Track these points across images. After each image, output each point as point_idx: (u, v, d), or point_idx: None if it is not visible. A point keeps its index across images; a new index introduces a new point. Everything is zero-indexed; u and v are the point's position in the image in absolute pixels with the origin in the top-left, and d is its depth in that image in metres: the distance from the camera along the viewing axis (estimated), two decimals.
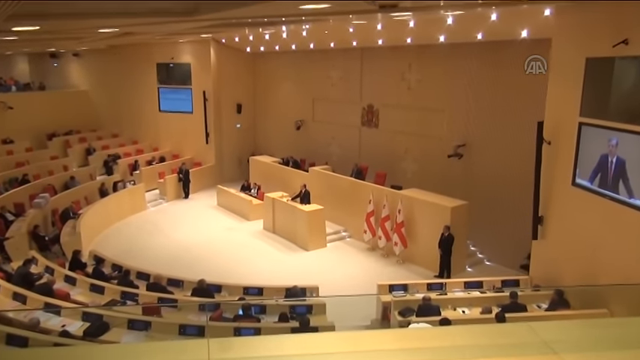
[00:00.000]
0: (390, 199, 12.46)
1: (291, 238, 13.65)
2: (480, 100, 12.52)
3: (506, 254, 11.80)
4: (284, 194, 14.56)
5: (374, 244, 13.05)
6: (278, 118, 19.80)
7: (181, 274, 10.21)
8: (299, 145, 18.64)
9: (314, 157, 17.73)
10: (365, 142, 16.32)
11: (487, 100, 12.29)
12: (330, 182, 14.80)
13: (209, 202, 17.31)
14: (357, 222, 13.52)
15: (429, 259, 11.66)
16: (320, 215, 13.26)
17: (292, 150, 18.54)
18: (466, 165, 13.13)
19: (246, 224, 15.24)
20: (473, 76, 12.58)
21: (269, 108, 20.20)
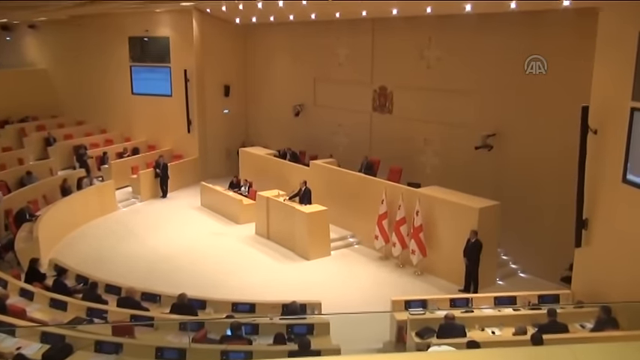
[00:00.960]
0: (407, 199, 12.46)
1: (289, 244, 13.68)
2: (513, 81, 12.48)
3: (543, 264, 11.86)
4: (280, 193, 14.52)
5: (387, 252, 13.12)
6: (273, 103, 19.82)
7: (158, 287, 10.25)
8: (298, 135, 18.67)
9: (316, 148, 17.79)
10: (377, 130, 16.32)
11: (522, 81, 12.22)
12: (335, 178, 14.83)
13: (191, 202, 17.38)
14: (367, 226, 13.53)
15: (453, 269, 11.70)
16: (323, 218, 13.26)
17: (290, 140, 18.59)
18: (497, 158, 13.13)
19: (236, 228, 15.26)
20: (505, 53, 12.54)
21: (263, 90, 20.21)
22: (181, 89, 19.38)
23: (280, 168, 16.65)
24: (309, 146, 18.12)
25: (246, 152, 18.14)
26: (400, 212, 12.49)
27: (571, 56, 10.96)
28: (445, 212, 11.94)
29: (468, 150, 13.40)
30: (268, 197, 14.39)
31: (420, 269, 12.33)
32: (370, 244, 13.52)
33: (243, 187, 16.66)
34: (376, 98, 16.09)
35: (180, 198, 18.05)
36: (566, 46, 10.91)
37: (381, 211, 12.95)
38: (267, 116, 20.17)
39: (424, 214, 12.08)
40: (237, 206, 15.63)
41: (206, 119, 19.87)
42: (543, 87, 11.86)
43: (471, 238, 11.11)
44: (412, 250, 12.21)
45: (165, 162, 18.10)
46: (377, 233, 13.06)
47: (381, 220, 12.95)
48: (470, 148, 13.25)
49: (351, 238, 14.24)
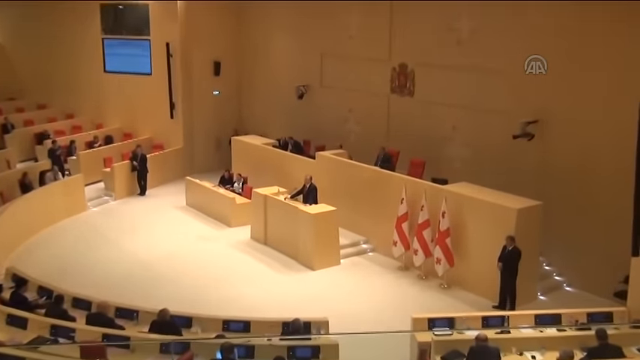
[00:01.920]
0: (431, 198, 12.44)
1: (291, 251, 13.69)
2: (560, 59, 12.41)
3: (594, 276, 11.80)
4: (280, 190, 14.52)
5: (407, 260, 13.11)
6: (272, 83, 19.79)
7: (136, 301, 10.29)
8: (302, 121, 18.69)
9: (323, 137, 17.79)
10: (395, 116, 16.28)
11: (571, 60, 12.21)
12: (345, 173, 14.81)
13: (175, 201, 17.44)
14: (384, 229, 13.53)
15: (485, 282, 11.68)
16: (331, 220, 13.26)
17: (292, 128, 18.61)
18: (539, 150, 13.10)
19: (227, 232, 15.30)
20: (551, 26, 12.49)
21: (259, 68, 20.17)
22: (163, 67, 19.44)
23: (280, 161, 16.63)
24: (315, 135, 18.11)
25: (240, 142, 18.14)
26: (423, 214, 12.45)
27: (632, 31, 10.90)
28: (477, 214, 11.92)
29: (504, 140, 13.36)
30: (266, 195, 14.34)
31: (447, 281, 12.29)
32: (387, 252, 13.49)
33: (236, 183, 16.66)
34: (395, 78, 16.06)
35: (161, 196, 18.10)
36: (624, 25, 11.16)
37: (401, 213, 12.91)
38: (265, 99, 20.14)
39: (452, 216, 12.02)
40: (229, 206, 15.64)
41: (192, 102, 19.91)
42: (598, 68, 11.77)
43: (507, 245, 11.09)
44: (437, 259, 12.18)
45: (143, 153, 18.12)
46: (395, 238, 13.05)
47: (401, 222, 12.91)
48: (507, 138, 13.21)
49: (365, 244, 14.23)
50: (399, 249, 13.06)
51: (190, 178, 17.45)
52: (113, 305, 9.61)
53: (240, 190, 16.38)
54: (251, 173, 17.00)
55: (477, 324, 9.09)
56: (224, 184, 16.79)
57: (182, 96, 19.60)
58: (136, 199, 17.84)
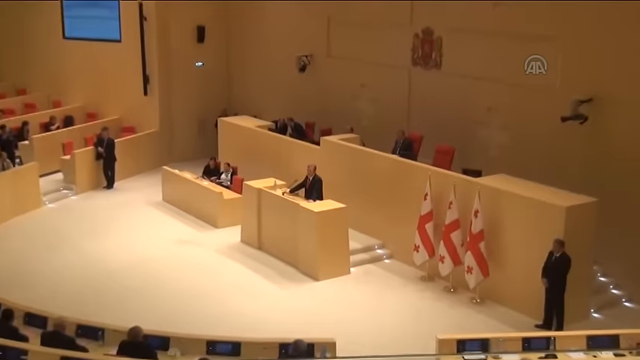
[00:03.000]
0: (461, 193, 12.43)
1: (290, 258, 13.70)
2: (626, 24, 12.28)
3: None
4: (278, 183, 14.50)
5: (432, 269, 13.10)
6: (268, 53, 19.76)
7: (101, 317, 10.28)
8: (304, 99, 18.67)
9: (329, 119, 17.76)
10: (418, 94, 16.22)
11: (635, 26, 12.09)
12: (357, 163, 14.80)
13: (149, 196, 17.46)
14: (404, 231, 13.54)
15: (527, 295, 11.66)
16: (339, 219, 13.27)
17: (292, 107, 18.60)
18: (593, 135, 13.06)
19: (213, 234, 15.33)
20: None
21: (252, 35, 20.13)
22: (135, 32, 19.39)
23: (278, 147, 16.61)
24: (320, 116, 18.05)
25: (229, 124, 18.14)
26: (451, 212, 12.42)
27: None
28: (517, 213, 11.86)
29: (551, 122, 13.34)
30: (260, 189, 14.33)
31: (480, 295, 12.29)
32: (407, 258, 13.49)
33: (223, 174, 16.65)
34: (418, 47, 16.02)
35: (132, 189, 18.09)
36: None
37: (424, 211, 12.89)
38: (260, 72, 20.07)
39: (486, 216, 11.98)
40: (215, 202, 15.64)
41: (171, 76, 19.89)
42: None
43: (554, 251, 11.07)
44: (468, 268, 12.16)
45: (111, 137, 18.07)
46: (417, 242, 13.03)
47: (424, 223, 12.90)
48: (554, 120, 13.18)
49: (380, 249, 14.25)
50: (421, 255, 13.03)
51: (168, 168, 17.40)
52: (73, 322, 9.55)
53: (229, 183, 16.32)
54: (242, 162, 16.96)
55: (517, 347, 9.02)
56: (209, 175, 16.72)
57: (158, 68, 19.58)
58: (101, 193, 17.83)
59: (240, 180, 15.77)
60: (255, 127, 17.51)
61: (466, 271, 12.21)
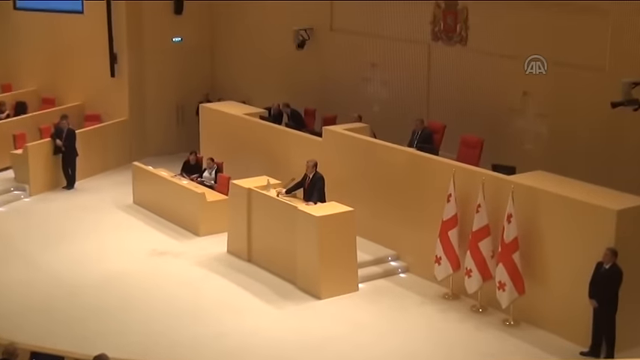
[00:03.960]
0: (491, 194, 12.40)
1: (286, 272, 13.69)
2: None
3: None
4: (271, 182, 14.47)
5: (457, 285, 13.06)
6: (259, 26, 19.69)
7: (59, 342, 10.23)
8: (302, 82, 18.60)
9: (333, 105, 17.67)
10: (440, 74, 16.19)
11: None
12: (366, 158, 14.76)
13: (117, 197, 17.46)
14: (422, 240, 13.57)
15: (570, 317, 11.61)
16: (345, 225, 13.24)
17: (289, 91, 18.56)
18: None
19: (194, 243, 15.33)
20: None
21: (240, 5, 20.04)
22: (101, 2, 19.26)
23: (271, 139, 16.56)
24: (322, 102, 18.00)
25: (213, 112, 18.10)
26: (479, 217, 12.38)
27: None
28: (558, 217, 11.79)
29: (598, 109, 13.26)
30: (250, 189, 14.31)
31: (514, 316, 12.22)
32: (427, 272, 13.46)
33: (206, 171, 16.60)
34: (439, 18, 15.99)
35: (97, 190, 18.04)
36: None
37: (447, 215, 12.87)
38: (249, 50, 20.01)
39: (521, 221, 11.91)
40: (197, 205, 15.62)
41: (143, 54, 19.89)
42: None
43: (604, 262, 10.98)
44: (500, 283, 12.09)
45: (71, 128, 18.01)
46: (439, 253, 13.00)
47: (447, 229, 12.88)
48: (602, 106, 12.99)
49: (394, 261, 14.24)
50: (444, 268, 13.00)
51: (140, 164, 17.35)
52: (27, 348, 9.43)
53: (213, 182, 16.29)
54: (228, 157, 16.90)
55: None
56: (189, 172, 16.69)
57: (128, 45, 19.55)
58: (60, 194, 17.76)
59: (226, 178, 15.69)
60: (244, 115, 17.41)
61: (497, 288, 12.12)
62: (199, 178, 16.53)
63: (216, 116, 18.00)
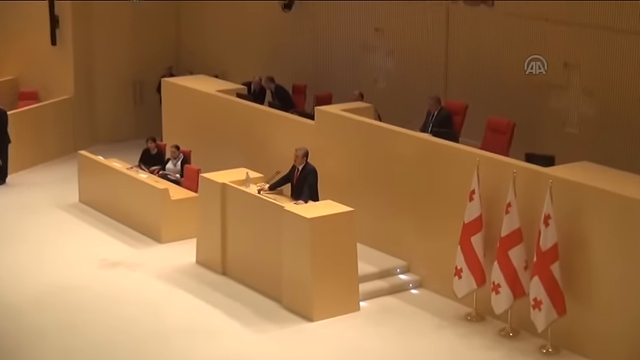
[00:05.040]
0: (525, 190, 12.44)
1: (270, 287, 13.75)
2: None
3: None
4: (251, 175, 14.62)
5: (482, 303, 13.11)
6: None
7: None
8: (290, 52, 19.24)
9: (328, 80, 18.21)
10: (461, 42, 16.55)
11: None
12: (369, 145, 14.87)
13: (60, 195, 17.78)
14: (439, 247, 13.68)
15: (622, 342, 11.56)
16: (343, 229, 13.27)
17: (273, 63, 19.28)
18: None
19: (154, 252, 15.54)
20: None
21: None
22: None
23: (251, 122, 16.78)
24: (315, 76, 18.37)
25: (179, 89, 18.34)
26: (510, 219, 12.37)
27: None
28: (608, 219, 11.70)
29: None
30: (225, 185, 14.37)
31: (553, 341, 12.19)
32: (445, 288, 13.54)
33: (170, 162, 16.76)
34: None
35: (35, 186, 18.37)
36: None
37: (470, 217, 12.87)
38: (224, 12, 20.34)
39: (562, 224, 11.89)
40: (159, 204, 15.78)
41: (91, 18, 20.20)
42: None
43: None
44: (535, 301, 12.07)
45: (2, 109, 18.30)
46: (460, 264, 13.00)
47: (470, 235, 12.91)
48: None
49: (404, 273, 14.34)
50: (466, 283, 13.02)
51: (87, 153, 17.50)
52: None
53: (178, 176, 16.40)
54: (198, 145, 17.16)
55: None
56: (148, 164, 16.90)
57: (72, 6, 19.71)
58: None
59: (194, 171, 15.82)
60: (218, 92, 17.55)
61: (532, 306, 12.09)
62: (162, 170, 16.68)
63: (182, 94, 18.14)
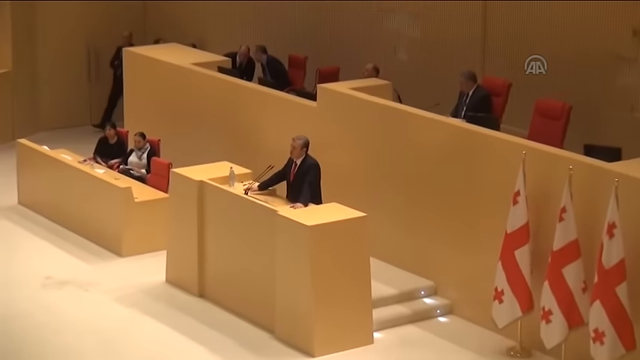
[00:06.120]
0: (582, 192, 12.44)
1: (259, 313, 13.85)
2: None
3: None
4: (235, 171, 14.68)
5: (528, 335, 13.12)
6: None
7: None
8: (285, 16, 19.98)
9: (334, 51, 19.05)
10: (502, 5, 17.08)
11: None
12: (387, 134, 14.98)
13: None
14: (473, 263, 13.82)
15: None
16: (353, 240, 13.28)
17: (263, 30, 20.05)
18: None
19: (113, 268, 15.69)
20: None
21: None
22: None
23: (236, 104, 17.11)
24: (317, 46, 19.12)
25: (145, 61, 18.78)
26: (564, 228, 12.29)
27: None
28: None
29: None
30: (204, 183, 14.43)
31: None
32: (481, 314, 13.59)
33: (134, 153, 17.03)
34: None
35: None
36: None
37: (514, 225, 12.82)
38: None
39: (631, 235, 11.83)
40: (119, 207, 15.96)
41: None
42: None
43: None
44: (597, 332, 11.97)
45: None
46: (501, 285, 12.99)
47: (513, 247, 12.85)
48: None
49: (430, 297, 14.40)
50: (508, 308, 12.97)
51: (28, 142, 18.02)
52: None
53: (144, 172, 16.65)
54: (169, 132, 17.57)
55: None
56: (106, 155, 17.26)
57: None
58: None
59: (164, 165, 16.07)
60: (193, 65, 17.83)
61: (592, 339, 12.00)
62: (123, 164, 16.86)
63: (149, 68, 18.60)
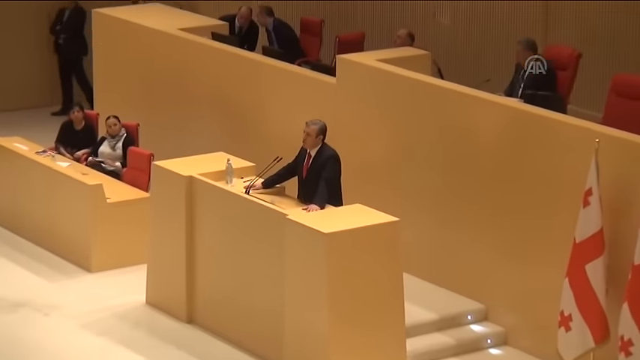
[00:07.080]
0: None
1: (264, 342, 13.84)
2: None
3: None
4: (232, 165, 14.67)
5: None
6: None
7: None
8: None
9: (357, 14, 20.57)
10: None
11: None
12: (424, 117, 15.13)
13: None
14: (532, 280, 13.82)
15: None
16: (383, 250, 13.13)
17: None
18: None
19: (81, 286, 15.85)
20: None
21: None
22: None
23: (235, 80, 17.40)
24: (336, 7, 20.08)
25: (118, 25, 19.28)
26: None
27: None
28: None
29: None
30: (193, 178, 14.35)
31: None
32: (544, 344, 13.51)
33: (106, 142, 17.20)
34: None
35: None
36: None
37: (584, 233, 12.66)
38: None
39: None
40: (87, 209, 16.07)
41: None
42: None
43: None
44: None
45: None
46: (568, 308, 12.82)
47: (584, 261, 12.67)
48: None
49: (478, 323, 14.33)
50: (578, 337, 12.80)
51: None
52: None
53: (119, 165, 16.89)
54: (149, 115, 18.03)
55: None
56: (72, 144, 17.56)
57: None
58: None
59: (145, 157, 16.17)
60: (180, 30, 18.10)
61: None
62: (92, 155, 16.95)
63: (124, 34, 19.02)
